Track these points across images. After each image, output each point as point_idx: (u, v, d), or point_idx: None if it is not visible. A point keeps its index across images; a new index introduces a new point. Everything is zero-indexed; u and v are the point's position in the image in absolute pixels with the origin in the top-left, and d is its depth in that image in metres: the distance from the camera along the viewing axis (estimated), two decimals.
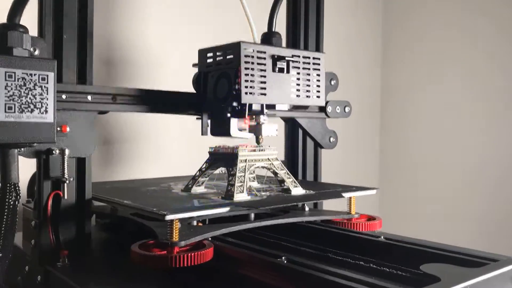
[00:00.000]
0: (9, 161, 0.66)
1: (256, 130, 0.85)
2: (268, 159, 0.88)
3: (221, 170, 0.89)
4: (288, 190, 0.87)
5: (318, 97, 0.87)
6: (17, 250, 0.82)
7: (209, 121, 0.87)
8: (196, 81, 0.88)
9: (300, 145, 1.13)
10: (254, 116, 0.84)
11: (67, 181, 0.75)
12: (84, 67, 0.77)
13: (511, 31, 1.67)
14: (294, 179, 0.89)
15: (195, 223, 0.80)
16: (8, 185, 0.65)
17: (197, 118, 0.89)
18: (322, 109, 1.09)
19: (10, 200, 0.65)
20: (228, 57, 0.80)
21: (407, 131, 1.98)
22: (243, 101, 0.77)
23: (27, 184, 0.94)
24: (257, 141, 0.86)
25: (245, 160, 0.84)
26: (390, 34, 2.03)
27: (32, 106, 0.65)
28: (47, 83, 0.66)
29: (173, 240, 0.65)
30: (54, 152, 0.74)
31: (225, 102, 0.80)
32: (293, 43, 1.11)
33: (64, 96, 0.74)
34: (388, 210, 1.94)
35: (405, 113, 1.99)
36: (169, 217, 0.64)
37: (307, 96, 0.85)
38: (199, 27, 1.43)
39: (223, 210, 0.73)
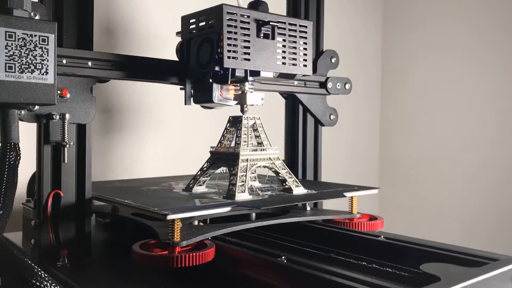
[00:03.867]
0: (9, 121, 0.66)
1: (240, 98, 0.84)
2: (269, 158, 0.87)
3: (222, 169, 0.89)
4: (289, 190, 0.87)
5: (305, 65, 0.85)
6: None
7: (192, 91, 0.86)
8: (180, 49, 0.86)
9: (300, 122, 1.13)
10: (239, 84, 0.83)
11: (68, 145, 0.76)
12: (84, 33, 0.79)
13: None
14: (296, 179, 0.89)
15: (196, 222, 0.80)
16: (8, 144, 0.66)
17: (180, 89, 0.89)
18: (323, 85, 1.10)
19: (11, 160, 0.66)
20: (210, 21, 0.78)
21: (407, 132, 1.97)
22: (225, 65, 0.75)
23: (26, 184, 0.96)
24: (242, 110, 0.85)
25: (247, 160, 0.83)
26: (390, 21, 2.02)
27: (32, 67, 0.66)
28: (48, 44, 0.67)
29: (174, 240, 0.65)
30: (54, 117, 0.75)
31: (207, 68, 0.78)
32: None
33: (64, 61, 0.75)
34: (388, 210, 1.94)
35: (405, 113, 1.97)
36: (170, 217, 0.64)
37: (293, 64, 0.84)
38: None
39: (225, 210, 0.73)
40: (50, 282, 0.59)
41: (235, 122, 0.88)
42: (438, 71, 1.85)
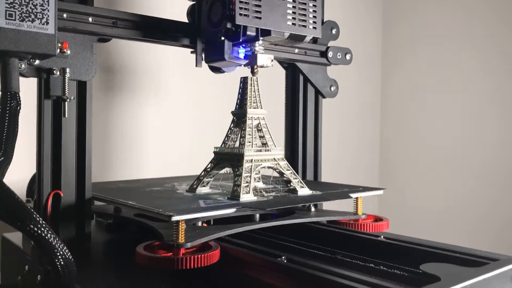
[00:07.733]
0: (10, 70, 0.66)
1: (251, 59, 0.84)
2: (274, 159, 0.87)
3: (226, 170, 0.89)
4: (294, 191, 0.87)
5: (314, 28, 0.86)
6: (17, 250, 0.83)
7: (203, 54, 0.87)
8: (191, 12, 0.87)
9: (301, 93, 1.13)
10: (249, 44, 0.83)
11: (68, 99, 0.76)
12: None
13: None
14: (301, 180, 0.89)
15: (199, 223, 0.80)
16: (9, 93, 0.66)
17: (191, 52, 0.89)
18: (323, 54, 1.10)
19: (12, 107, 0.66)
20: None
21: (407, 131, 1.96)
22: (237, 22, 0.77)
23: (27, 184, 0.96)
24: (252, 71, 0.86)
25: (251, 160, 0.83)
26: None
27: (33, 16, 0.66)
28: None
29: (179, 242, 0.64)
30: (55, 72, 0.75)
31: (219, 26, 0.80)
32: None
33: (65, 15, 0.75)
34: (388, 209, 1.93)
35: (405, 112, 1.96)
36: (175, 218, 0.63)
37: (303, 26, 0.84)
38: None
39: (230, 211, 0.73)
40: (46, 229, 0.60)
41: (239, 122, 0.88)
42: (438, 68, 1.83)
